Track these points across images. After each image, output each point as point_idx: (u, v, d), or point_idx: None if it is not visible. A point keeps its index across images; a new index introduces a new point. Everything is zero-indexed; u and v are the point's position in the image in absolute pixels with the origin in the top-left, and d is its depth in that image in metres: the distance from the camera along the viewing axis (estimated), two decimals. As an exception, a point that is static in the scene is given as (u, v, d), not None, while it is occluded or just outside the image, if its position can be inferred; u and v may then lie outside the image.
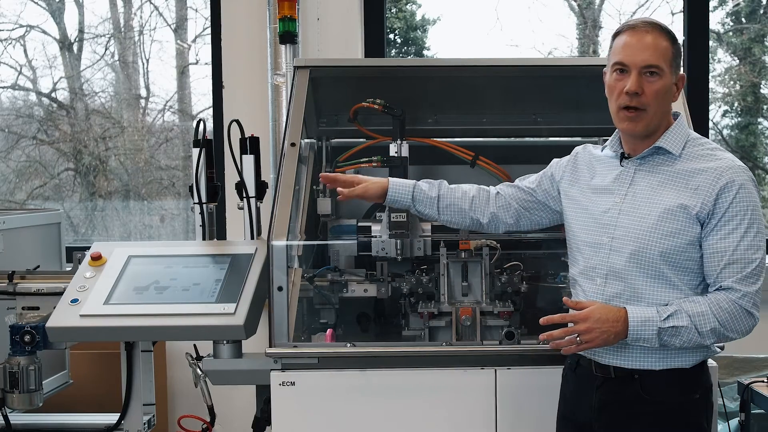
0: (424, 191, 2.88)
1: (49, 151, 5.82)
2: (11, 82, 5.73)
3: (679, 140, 2.55)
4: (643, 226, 2.49)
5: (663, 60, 2.49)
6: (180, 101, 5.78)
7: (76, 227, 5.67)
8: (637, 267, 2.50)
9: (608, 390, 2.56)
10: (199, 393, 3.25)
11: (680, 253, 2.47)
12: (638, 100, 2.49)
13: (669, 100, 2.55)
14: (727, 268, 2.45)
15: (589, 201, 2.66)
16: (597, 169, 2.71)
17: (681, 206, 2.47)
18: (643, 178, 2.56)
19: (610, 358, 2.55)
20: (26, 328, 3.25)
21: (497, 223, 2.93)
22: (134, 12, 5.74)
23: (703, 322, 2.43)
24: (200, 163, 3.47)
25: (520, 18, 5.26)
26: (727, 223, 2.45)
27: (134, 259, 3.30)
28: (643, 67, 2.48)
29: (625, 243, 2.52)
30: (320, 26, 4.67)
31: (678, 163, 2.53)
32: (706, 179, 2.47)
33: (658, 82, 2.49)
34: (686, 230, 2.47)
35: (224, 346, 3.14)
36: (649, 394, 2.51)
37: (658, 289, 2.49)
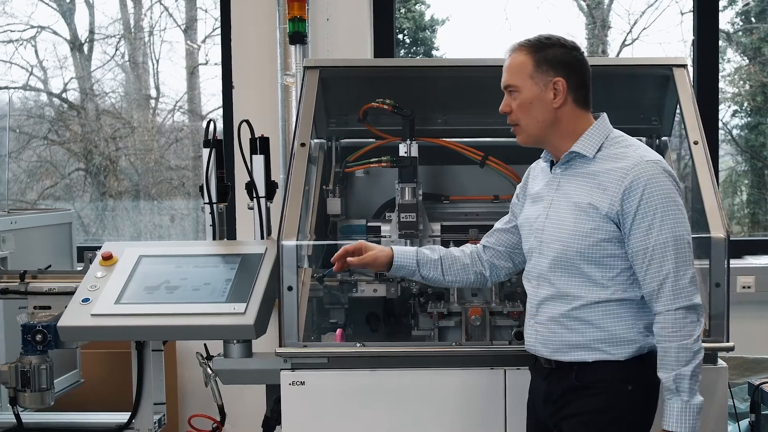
0: (427, 255, 2.90)
1: (60, 152, 5.85)
2: (22, 82, 5.75)
3: (593, 143, 2.63)
4: (563, 229, 2.60)
5: (518, 76, 2.62)
6: (190, 101, 5.80)
7: (87, 227, 5.69)
8: (560, 268, 2.61)
9: (551, 380, 2.67)
10: (208, 392, 3.26)
11: (596, 250, 2.56)
12: (510, 117, 2.67)
13: (542, 109, 2.63)
14: (650, 268, 2.51)
15: (528, 210, 2.78)
16: (537, 178, 2.82)
17: (590, 205, 2.56)
18: (567, 182, 2.65)
19: (551, 354, 2.65)
20: (38, 327, 3.26)
21: (498, 271, 2.96)
22: (144, 13, 5.76)
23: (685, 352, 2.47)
24: (210, 163, 3.48)
25: (529, 18, 5.26)
26: (640, 223, 2.51)
27: (145, 259, 3.31)
28: (504, 87, 2.67)
29: (549, 246, 2.63)
30: (330, 26, 4.67)
31: (592, 164, 2.61)
32: (612, 179, 2.55)
33: (518, 97, 2.63)
34: (599, 228, 2.55)
35: (234, 346, 3.15)
36: (581, 383, 2.59)
37: (581, 286, 2.59)
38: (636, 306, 2.59)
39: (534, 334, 2.70)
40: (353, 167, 3.59)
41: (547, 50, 2.63)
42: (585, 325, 2.59)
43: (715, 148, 4.84)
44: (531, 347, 2.73)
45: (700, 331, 2.51)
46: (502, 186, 3.91)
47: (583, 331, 2.59)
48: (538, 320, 2.68)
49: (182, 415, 4.64)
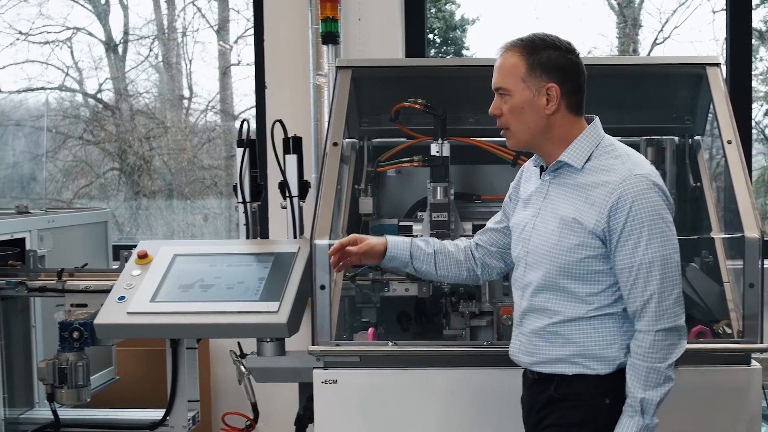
0: (421, 248, 2.84)
1: (95, 151, 5.91)
2: (59, 83, 5.82)
3: (582, 152, 2.52)
4: (548, 244, 2.51)
5: (510, 79, 2.50)
6: (222, 101, 5.84)
7: (121, 226, 5.75)
8: (541, 282, 2.53)
9: (534, 391, 2.61)
10: (241, 391, 3.28)
11: (580, 267, 2.47)
12: (500, 121, 2.56)
13: (533, 114, 2.51)
14: (634, 287, 2.43)
15: (519, 214, 2.69)
16: (530, 180, 2.72)
17: (575, 221, 2.46)
18: (554, 191, 2.56)
19: (530, 365, 2.59)
20: (75, 324, 3.30)
21: (490, 270, 2.89)
22: (177, 14, 5.80)
23: (656, 376, 2.42)
24: (244, 162, 3.50)
25: (560, 17, 5.25)
26: (627, 241, 2.41)
27: (180, 258, 3.34)
28: (496, 89, 2.56)
29: (535, 259, 2.55)
30: (361, 26, 4.69)
31: (580, 176, 2.51)
32: (600, 194, 2.44)
33: (510, 101, 2.52)
34: (584, 244, 2.46)
35: (268, 344, 3.18)
36: (560, 395, 2.52)
37: (562, 302, 2.50)
38: (620, 321, 2.50)
39: (518, 344, 2.63)
40: (385, 167, 3.60)
41: (542, 53, 2.51)
42: (565, 341, 2.51)
43: (748, 147, 4.80)
44: (514, 357, 2.66)
45: (677, 354, 2.44)
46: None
47: (563, 346, 2.51)
48: (522, 330, 2.61)
49: (215, 412, 4.68)
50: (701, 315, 3.37)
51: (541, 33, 2.57)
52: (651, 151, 3.78)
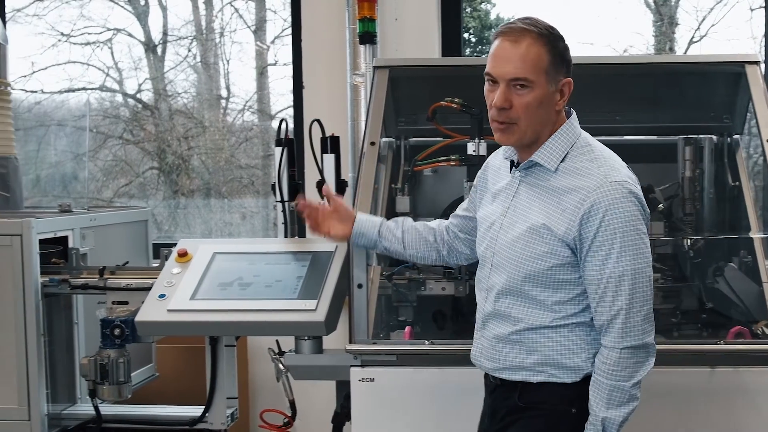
0: (390, 228, 2.78)
1: (135, 151, 5.97)
2: (99, 83, 5.88)
3: (557, 152, 2.36)
4: (514, 248, 2.37)
5: (534, 70, 2.28)
6: (259, 101, 5.87)
7: (160, 224, 5.80)
8: (504, 288, 2.40)
9: (497, 397, 2.49)
10: (277, 388, 3.30)
11: (547, 275, 2.34)
12: (506, 114, 2.31)
13: (547, 110, 2.33)
14: (602, 300, 2.30)
15: (487, 208, 2.54)
16: (499, 172, 2.57)
17: (545, 227, 2.32)
18: (525, 191, 2.41)
19: (494, 371, 2.48)
20: (116, 321, 3.33)
21: (457, 255, 2.80)
22: (215, 14, 5.85)
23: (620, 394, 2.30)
24: (282, 162, 3.53)
25: (595, 15, 5.22)
26: (597, 251, 2.27)
27: (219, 256, 3.37)
28: (511, 79, 2.28)
29: (500, 262, 2.41)
30: (398, 26, 4.70)
31: (553, 178, 2.35)
32: (573, 201, 2.29)
33: (529, 95, 2.29)
34: (553, 253, 2.32)
35: (305, 342, 3.19)
36: (524, 403, 2.41)
37: (527, 309, 2.38)
38: (587, 329, 2.38)
39: (479, 347, 2.52)
40: (422, 166, 3.61)
41: (559, 43, 2.34)
42: (529, 349, 2.39)
43: (788, 145, 4.74)
44: (476, 361, 2.54)
45: (644, 372, 2.32)
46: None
47: (527, 354, 2.39)
48: (484, 334, 2.49)
49: (252, 410, 4.71)
50: (740, 315, 3.35)
51: (539, 20, 2.38)
52: (689, 150, 3.75)
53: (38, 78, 5.78)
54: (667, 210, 3.69)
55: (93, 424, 3.55)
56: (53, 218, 3.60)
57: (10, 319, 3.36)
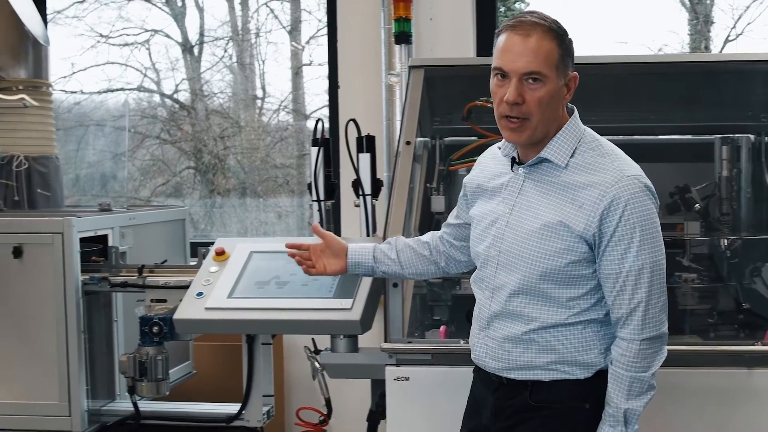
0: (384, 252, 2.75)
1: (171, 150, 6.02)
2: (137, 84, 5.93)
3: (566, 148, 2.35)
4: (527, 246, 2.34)
5: (546, 64, 2.27)
6: (294, 101, 5.90)
7: (196, 223, 5.85)
8: (518, 287, 2.36)
9: (502, 395, 2.44)
10: (312, 386, 3.32)
11: (564, 272, 2.32)
12: (519, 109, 2.29)
13: (557, 105, 2.33)
14: (621, 293, 2.29)
15: (484, 206, 2.50)
16: (494, 170, 2.53)
17: (561, 224, 2.30)
18: (531, 187, 2.38)
19: (501, 371, 2.44)
20: (155, 319, 3.36)
21: (455, 264, 2.76)
22: (251, 15, 5.89)
23: (640, 385, 2.31)
24: (318, 161, 3.55)
25: (629, 14, 5.19)
26: (616, 246, 2.27)
27: (256, 255, 3.39)
28: (524, 74, 2.27)
29: (509, 261, 2.38)
30: (433, 26, 4.70)
31: (564, 174, 2.33)
32: (591, 196, 2.27)
33: (542, 89, 2.27)
34: (570, 249, 2.30)
35: (341, 341, 3.21)
36: (536, 402, 2.38)
37: (540, 307, 2.36)
38: (599, 325, 2.38)
39: (483, 347, 2.46)
40: (457, 165, 3.61)
41: (566, 38, 2.34)
42: (542, 348, 2.36)
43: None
44: (480, 361, 2.50)
45: (660, 361, 2.34)
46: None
47: (540, 353, 2.37)
48: (489, 334, 2.44)
49: (288, 408, 4.74)
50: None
51: (545, 14, 2.38)
52: (726, 150, 3.73)
53: (78, 79, 5.85)
54: (703, 210, 3.67)
55: (132, 420, 3.58)
56: (93, 217, 3.64)
57: (51, 316, 3.40)
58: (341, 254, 2.74)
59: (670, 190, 3.81)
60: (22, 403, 3.44)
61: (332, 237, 2.77)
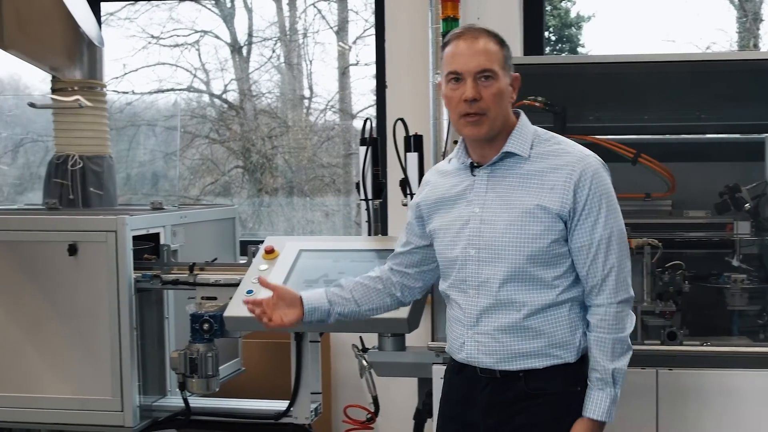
0: (337, 293, 2.72)
1: (220, 150, 6.09)
2: (187, 84, 6.00)
3: (525, 141, 2.52)
4: (510, 234, 2.46)
5: (495, 63, 2.46)
6: (341, 101, 5.93)
7: (244, 222, 5.90)
8: (507, 274, 2.47)
9: (494, 390, 2.52)
10: (358, 385, 3.34)
11: (546, 252, 2.46)
12: (477, 105, 2.45)
13: (507, 102, 2.51)
14: (594, 262, 2.46)
15: (446, 217, 2.60)
16: (448, 182, 2.64)
17: (539, 207, 2.45)
18: (498, 184, 2.52)
19: (494, 364, 2.51)
20: (205, 316, 3.40)
21: (412, 292, 2.79)
22: (299, 15, 5.93)
23: (621, 345, 2.46)
24: (366, 160, 3.57)
25: (677, 12, 5.15)
26: (587, 218, 2.45)
27: (304, 253, 3.43)
28: (477, 72, 2.44)
29: (492, 253, 2.48)
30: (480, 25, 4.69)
31: (527, 164, 2.50)
32: (560, 177, 2.46)
33: (494, 86, 2.46)
34: (550, 229, 2.46)
35: (388, 339, 3.23)
36: (532, 389, 2.49)
37: (529, 292, 2.48)
38: (579, 307, 2.52)
39: (474, 344, 2.52)
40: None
41: (505, 43, 2.54)
42: (535, 334, 2.47)
43: None
44: (471, 358, 2.54)
45: (632, 322, 2.51)
46: (654, 184, 3.86)
47: (533, 339, 2.47)
48: (480, 330, 2.51)
49: (334, 405, 4.77)
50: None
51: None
52: (777, 148, 3.69)
53: (129, 79, 5.94)
54: (753, 209, 3.63)
55: (182, 416, 3.61)
56: (146, 215, 3.69)
57: (104, 313, 3.45)
58: (295, 303, 2.67)
59: (719, 190, 3.78)
60: (77, 398, 3.50)
61: (283, 288, 2.72)
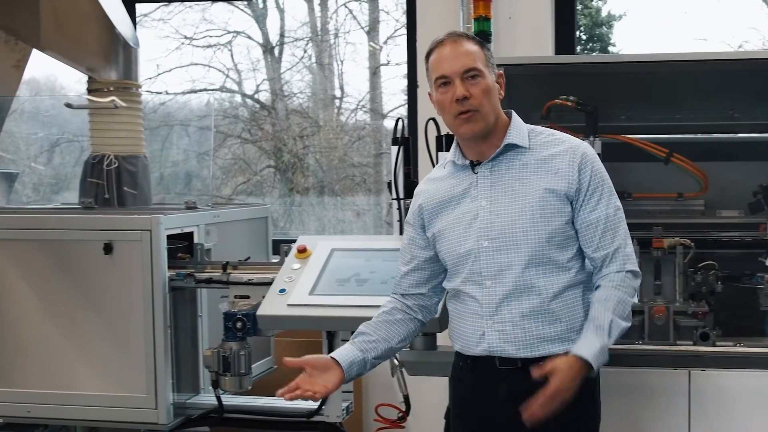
0: (365, 340, 2.68)
1: (252, 149, 6.14)
2: (219, 84, 6.07)
3: (523, 134, 2.62)
4: (522, 220, 2.54)
5: (479, 62, 2.57)
6: (371, 101, 5.95)
7: (276, 221, 5.94)
8: (527, 259, 2.53)
9: (515, 380, 2.54)
10: (389, 384, 3.34)
11: (562, 233, 2.55)
12: (469, 103, 2.54)
13: (496, 98, 2.60)
14: (603, 237, 2.55)
15: (450, 216, 2.65)
16: (446, 184, 2.70)
17: (548, 190, 2.55)
18: (502, 176, 2.60)
19: (515, 352, 2.55)
20: (238, 315, 3.41)
21: (429, 309, 2.79)
22: (330, 16, 5.96)
23: (623, 308, 2.51)
24: (398, 160, 3.58)
25: (709, 11, 5.11)
26: (592, 195, 2.56)
27: (337, 252, 3.44)
28: (464, 72, 2.55)
29: (507, 241, 2.55)
30: (511, 24, 4.70)
31: (528, 154, 2.60)
32: (562, 161, 2.56)
33: (482, 83, 2.56)
34: (561, 210, 2.55)
35: (420, 338, 3.24)
36: None
37: (547, 275, 2.55)
38: (589, 291, 2.59)
39: (496, 333, 2.56)
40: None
41: (485, 44, 2.66)
42: (554, 319, 2.53)
43: None
44: (493, 348, 2.56)
45: (635, 299, 2.59)
46: (687, 184, 3.86)
47: (554, 324, 2.54)
48: (499, 319, 2.55)
49: (365, 404, 4.78)
50: None
51: None
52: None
53: (163, 80, 6.01)
54: (788, 209, 3.62)
55: (215, 413, 3.63)
56: (180, 215, 3.71)
57: (139, 311, 3.48)
58: (330, 366, 2.62)
59: (753, 189, 3.76)
60: (112, 395, 3.53)
61: (311, 358, 2.65)
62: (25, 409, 3.60)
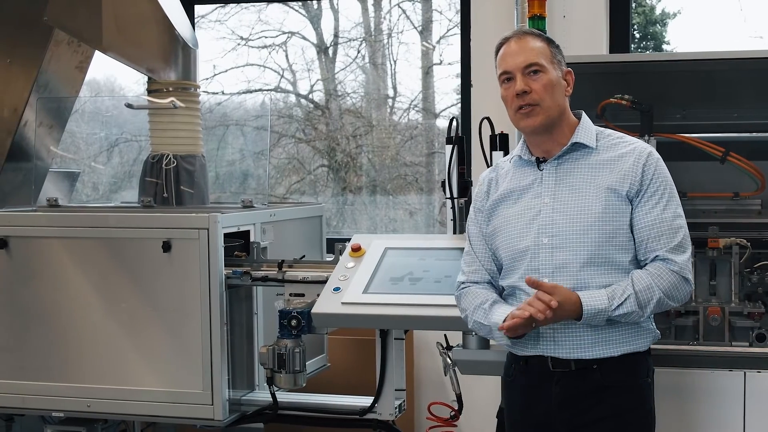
0: None
1: (306, 149, 6.19)
2: (274, 85, 6.12)
3: (591, 135, 2.64)
4: (584, 219, 2.55)
5: (541, 57, 2.59)
6: (424, 100, 5.97)
7: (328, 220, 5.98)
8: (587, 258, 2.54)
9: (568, 383, 2.56)
10: (441, 382, 3.35)
11: (622, 233, 2.54)
12: (530, 97, 2.58)
13: (561, 93, 2.63)
14: (660, 239, 2.53)
15: (511, 209, 2.68)
16: (510, 177, 2.73)
17: (610, 189, 2.55)
18: (567, 175, 2.62)
19: (569, 352, 2.55)
20: (293, 313, 3.45)
21: None
22: (383, 16, 5.98)
23: (648, 296, 2.48)
24: (452, 159, 3.59)
25: (764, 8, 5.03)
26: (652, 196, 2.55)
27: (390, 251, 3.47)
28: (525, 67, 2.58)
29: (567, 239, 2.56)
30: (566, 23, 4.68)
31: (594, 155, 2.62)
32: (628, 162, 2.57)
33: (543, 77, 2.58)
34: (623, 210, 2.55)
35: (472, 338, 3.24)
36: (608, 381, 2.52)
37: (606, 276, 2.53)
38: None
39: (551, 332, 2.56)
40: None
41: (553, 41, 2.67)
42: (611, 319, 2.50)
43: None
44: (547, 348, 2.57)
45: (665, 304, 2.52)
46: (743, 183, 3.81)
47: (610, 326, 2.52)
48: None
49: (417, 402, 4.79)
50: None
51: None
52: None
53: (219, 80, 6.09)
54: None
55: (269, 410, 3.67)
56: (237, 213, 3.75)
57: (196, 308, 3.53)
58: None
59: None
60: (169, 391, 3.58)
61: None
62: (86, 404, 3.67)
